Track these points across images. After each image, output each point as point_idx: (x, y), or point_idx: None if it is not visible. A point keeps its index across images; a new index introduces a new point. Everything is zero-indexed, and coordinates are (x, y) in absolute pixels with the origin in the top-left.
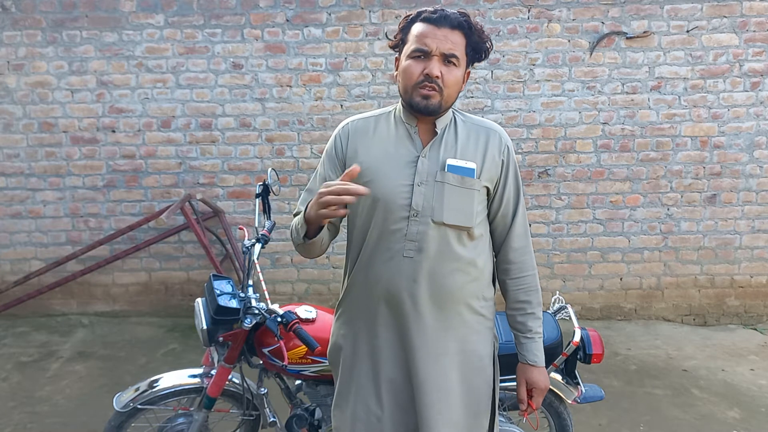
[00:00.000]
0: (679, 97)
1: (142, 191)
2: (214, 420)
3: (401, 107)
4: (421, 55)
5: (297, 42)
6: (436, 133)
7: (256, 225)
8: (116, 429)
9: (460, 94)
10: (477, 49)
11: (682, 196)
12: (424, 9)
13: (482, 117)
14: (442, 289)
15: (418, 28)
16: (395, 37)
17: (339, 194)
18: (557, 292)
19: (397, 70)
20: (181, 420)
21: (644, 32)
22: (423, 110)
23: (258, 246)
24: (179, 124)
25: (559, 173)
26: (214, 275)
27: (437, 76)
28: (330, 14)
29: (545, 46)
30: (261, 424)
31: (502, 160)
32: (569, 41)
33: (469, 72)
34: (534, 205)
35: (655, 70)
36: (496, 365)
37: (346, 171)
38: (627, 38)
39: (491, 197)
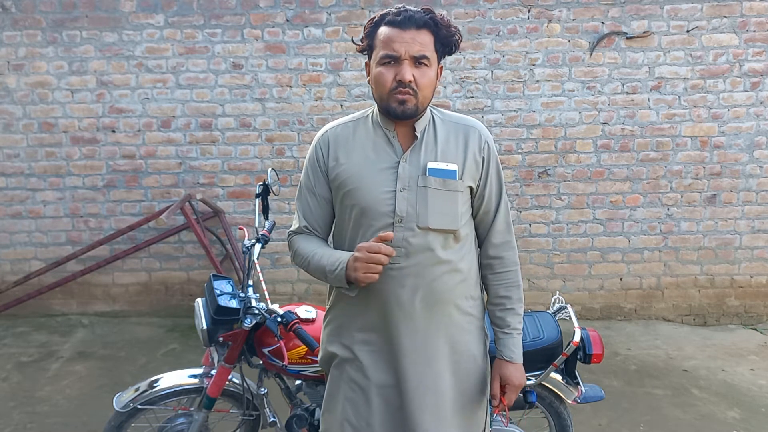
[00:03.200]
0: (679, 97)
1: (142, 191)
2: (214, 420)
3: (378, 111)
4: (391, 60)
5: (297, 42)
6: (416, 136)
7: (256, 225)
8: (116, 429)
9: (459, 94)
10: (446, 43)
11: (682, 196)
12: (387, 11)
13: (481, 117)
14: (431, 292)
15: (384, 32)
16: (362, 42)
17: (372, 261)
18: (557, 292)
19: (368, 75)
20: (181, 420)
21: (644, 32)
22: (400, 116)
23: (258, 246)
24: (179, 124)
25: (559, 173)
26: (214, 275)
27: (410, 81)
28: (330, 14)
29: (545, 46)
30: (261, 424)
31: (483, 157)
32: (569, 41)
33: (442, 67)
34: (534, 205)
35: (655, 70)
36: (488, 362)
37: (380, 236)
38: (627, 38)
39: (474, 195)
